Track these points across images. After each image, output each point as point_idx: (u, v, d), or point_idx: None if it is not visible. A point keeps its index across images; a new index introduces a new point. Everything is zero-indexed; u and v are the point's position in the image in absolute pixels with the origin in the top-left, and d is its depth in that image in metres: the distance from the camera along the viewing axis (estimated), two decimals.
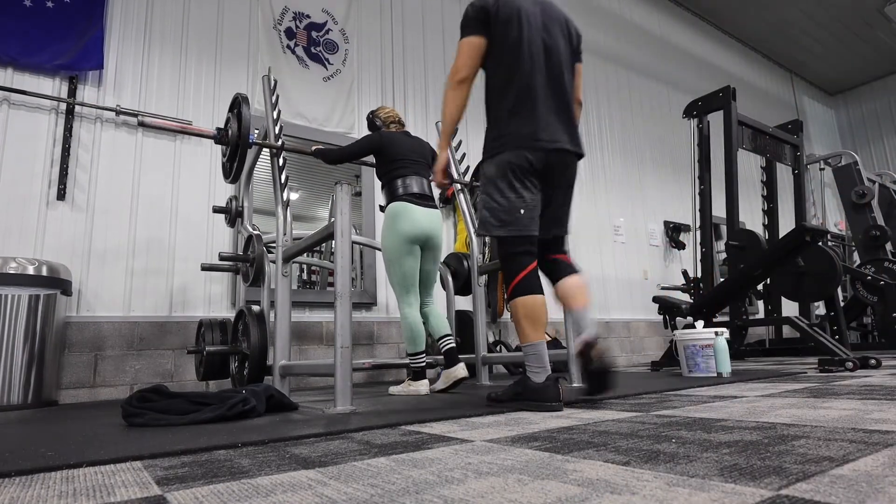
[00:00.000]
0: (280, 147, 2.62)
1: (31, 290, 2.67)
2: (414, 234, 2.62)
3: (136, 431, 1.52)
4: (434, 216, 2.71)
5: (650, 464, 0.87)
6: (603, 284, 5.68)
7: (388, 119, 2.91)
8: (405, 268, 2.64)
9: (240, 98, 2.59)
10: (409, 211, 2.63)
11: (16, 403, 2.56)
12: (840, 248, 6.54)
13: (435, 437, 1.25)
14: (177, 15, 3.74)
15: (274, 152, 2.62)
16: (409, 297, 2.66)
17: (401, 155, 2.73)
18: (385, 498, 0.75)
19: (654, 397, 1.96)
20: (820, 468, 0.77)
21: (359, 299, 3.99)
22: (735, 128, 4.44)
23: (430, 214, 2.68)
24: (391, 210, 2.67)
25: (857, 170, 5.68)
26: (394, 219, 2.64)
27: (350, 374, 1.86)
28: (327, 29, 4.37)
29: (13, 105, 3.09)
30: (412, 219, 2.62)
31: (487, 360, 3.07)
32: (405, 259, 2.63)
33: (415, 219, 2.62)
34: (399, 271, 2.64)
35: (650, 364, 4.23)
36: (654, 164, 6.72)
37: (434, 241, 2.72)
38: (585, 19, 6.48)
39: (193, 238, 3.50)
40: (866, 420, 1.20)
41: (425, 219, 2.65)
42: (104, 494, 0.84)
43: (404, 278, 2.64)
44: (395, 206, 2.66)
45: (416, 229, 2.62)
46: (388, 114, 2.93)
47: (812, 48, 9.23)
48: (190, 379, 3.27)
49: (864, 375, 2.48)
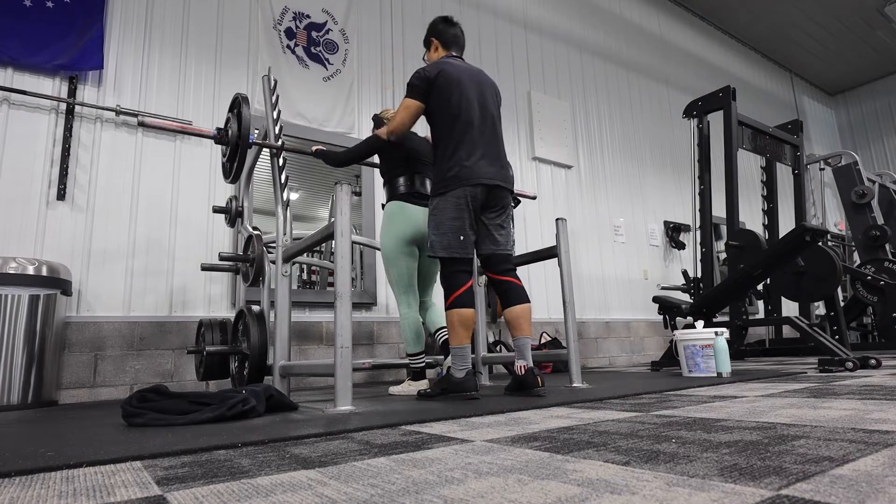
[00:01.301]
0: (280, 147, 2.62)
1: (31, 290, 2.68)
2: (411, 233, 2.65)
3: (136, 431, 1.52)
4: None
5: (650, 464, 0.87)
6: (603, 284, 5.68)
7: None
8: (403, 268, 2.66)
9: (240, 98, 2.59)
10: (406, 210, 2.66)
11: (16, 403, 2.56)
12: (840, 248, 6.54)
13: (435, 437, 1.25)
14: (177, 15, 3.74)
15: (274, 152, 2.62)
16: (407, 297, 2.68)
17: (404, 154, 2.75)
18: (385, 498, 0.75)
19: (654, 397, 1.96)
20: (820, 468, 0.77)
21: (359, 299, 3.99)
22: (735, 128, 4.44)
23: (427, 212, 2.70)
24: (389, 210, 2.71)
25: (857, 170, 5.68)
26: (391, 219, 2.68)
27: (350, 374, 1.86)
28: (327, 29, 4.37)
29: (13, 105, 3.09)
30: (409, 218, 2.66)
31: (487, 360, 3.07)
32: (402, 259, 2.66)
33: (412, 219, 2.66)
34: (397, 272, 2.67)
35: (650, 364, 4.23)
36: (654, 164, 6.72)
37: None
38: (585, 19, 6.48)
39: (193, 238, 3.50)
40: (866, 420, 1.20)
41: (422, 218, 2.65)
42: (104, 494, 0.84)
43: (402, 278, 2.67)
44: (392, 205, 2.69)
45: (412, 229, 2.65)
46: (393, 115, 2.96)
47: (812, 48, 9.23)
48: (190, 379, 3.27)
49: (864, 375, 2.48)
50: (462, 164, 2.25)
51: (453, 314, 2.19)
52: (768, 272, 3.81)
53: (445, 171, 2.27)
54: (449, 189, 2.24)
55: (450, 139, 2.29)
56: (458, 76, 2.35)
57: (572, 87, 6.03)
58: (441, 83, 2.32)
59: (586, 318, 5.33)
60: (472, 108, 2.32)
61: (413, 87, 2.35)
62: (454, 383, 2.15)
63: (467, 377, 2.14)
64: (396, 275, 2.68)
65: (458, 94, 2.31)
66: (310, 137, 4.05)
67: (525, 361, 2.23)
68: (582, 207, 5.67)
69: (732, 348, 3.83)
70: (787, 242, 3.47)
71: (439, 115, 2.33)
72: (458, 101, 2.30)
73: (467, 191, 2.23)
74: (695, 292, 4.52)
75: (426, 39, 2.58)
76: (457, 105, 2.30)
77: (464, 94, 2.32)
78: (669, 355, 3.76)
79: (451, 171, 2.25)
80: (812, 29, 8.69)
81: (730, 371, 2.73)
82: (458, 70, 2.37)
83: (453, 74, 2.34)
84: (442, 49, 2.53)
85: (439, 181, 2.29)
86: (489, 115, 2.39)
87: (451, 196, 2.24)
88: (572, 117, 5.92)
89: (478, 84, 2.41)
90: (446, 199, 2.25)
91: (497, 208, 2.34)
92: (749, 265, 3.74)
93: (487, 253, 2.34)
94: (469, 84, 2.36)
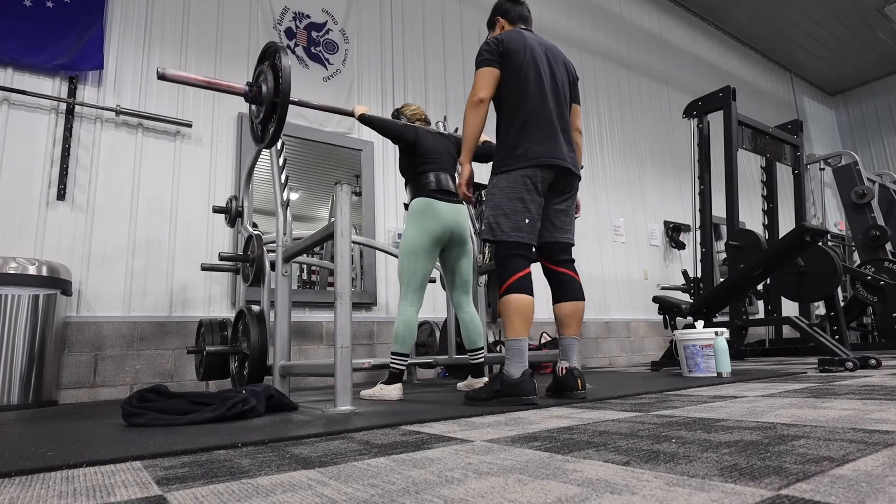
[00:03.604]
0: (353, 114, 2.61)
1: (31, 290, 2.68)
2: (439, 231, 2.55)
3: (136, 431, 1.52)
4: (459, 211, 2.64)
5: (650, 464, 0.87)
6: (603, 284, 5.68)
7: (415, 116, 2.83)
8: (421, 266, 2.53)
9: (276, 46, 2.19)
10: (435, 207, 2.55)
11: (16, 403, 2.56)
12: (840, 248, 6.54)
13: (435, 437, 1.25)
14: (177, 15, 3.74)
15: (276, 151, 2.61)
16: (412, 294, 2.53)
17: (427, 150, 2.66)
18: (385, 498, 0.75)
19: (654, 397, 1.96)
20: (820, 468, 0.77)
21: (359, 299, 3.99)
22: (735, 128, 4.44)
23: (456, 210, 2.61)
24: (416, 205, 2.58)
25: (857, 170, 5.68)
26: (421, 214, 2.55)
27: (350, 374, 1.86)
28: (327, 29, 4.37)
29: (13, 105, 3.09)
30: (437, 215, 2.55)
31: (488, 360, 3.06)
32: (423, 258, 2.53)
33: (440, 215, 2.55)
34: (414, 268, 2.52)
35: (650, 364, 4.23)
36: (654, 164, 6.72)
37: (461, 236, 2.65)
38: (585, 19, 6.48)
39: (193, 238, 3.50)
40: (866, 420, 1.20)
41: (450, 215, 2.58)
42: (104, 494, 0.84)
43: (415, 276, 2.52)
44: (420, 201, 2.57)
45: (441, 225, 2.55)
46: (414, 111, 2.85)
47: (812, 48, 9.23)
48: (190, 379, 3.27)
49: (864, 375, 2.48)
50: (533, 142, 2.03)
51: (509, 301, 1.94)
52: (768, 272, 3.81)
53: (513, 147, 2.05)
54: (515, 167, 2.02)
55: (519, 113, 2.07)
56: (530, 45, 2.14)
57: None
58: (511, 50, 2.10)
59: (586, 318, 5.33)
60: (544, 82, 2.11)
61: (483, 58, 2.11)
62: (509, 385, 1.86)
63: (524, 378, 1.85)
64: (412, 271, 2.52)
65: (530, 65, 2.10)
66: (310, 137, 4.05)
67: (567, 362, 2.05)
68: (582, 207, 5.66)
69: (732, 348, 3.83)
70: (787, 242, 3.47)
71: (508, 85, 2.10)
72: (529, 72, 2.09)
73: (537, 171, 2.02)
74: (695, 292, 4.51)
75: (490, 20, 2.38)
76: (527, 76, 2.08)
77: (536, 66, 2.11)
78: (669, 355, 3.76)
79: (518, 147, 2.03)
80: (812, 29, 8.69)
81: (730, 371, 2.73)
82: (529, 40, 2.16)
83: (525, 43, 2.13)
84: (508, 26, 2.32)
85: (504, 157, 2.07)
86: (562, 92, 2.18)
87: (517, 174, 2.01)
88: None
89: (552, 57, 2.20)
90: (511, 177, 2.02)
91: (565, 192, 2.15)
92: (749, 265, 3.74)
93: (549, 241, 2.15)
94: (541, 56, 2.15)
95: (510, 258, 1.99)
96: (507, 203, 2.01)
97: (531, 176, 2.01)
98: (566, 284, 2.14)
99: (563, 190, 2.14)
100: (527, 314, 1.93)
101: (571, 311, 2.11)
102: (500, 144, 2.11)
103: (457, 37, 5.25)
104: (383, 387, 2.38)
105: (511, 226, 1.99)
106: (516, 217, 1.99)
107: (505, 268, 1.99)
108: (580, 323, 2.13)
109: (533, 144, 2.03)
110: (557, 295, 2.15)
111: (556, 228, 2.15)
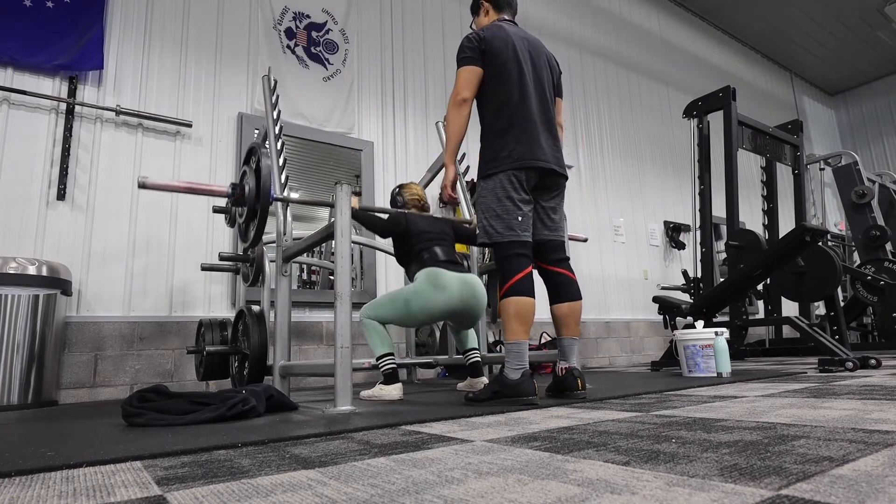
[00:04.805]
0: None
1: (31, 290, 2.68)
2: (442, 307, 2.38)
3: (136, 431, 1.52)
4: (471, 280, 2.47)
5: (650, 464, 0.87)
6: (603, 284, 5.68)
7: (412, 202, 2.75)
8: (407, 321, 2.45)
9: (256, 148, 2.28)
10: (444, 279, 2.37)
11: (16, 403, 2.56)
12: (840, 248, 6.54)
13: (435, 437, 1.25)
14: (177, 15, 3.74)
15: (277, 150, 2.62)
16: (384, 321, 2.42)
17: (420, 230, 2.53)
18: (385, 498, 0.75)
19: (654, 397, 1.96)
20: (820, 468, 0.77)
21: (359, 299, 3.99)
22: (735, 128, 4.44)
23: (467, 280, 2.45)
24: (426, 273, 2.39)
25: (857, 170, 5.68)
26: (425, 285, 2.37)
27: (350, 374, 1.86)
28: (327, 29, 4.37)
29: (13, 105, 3.09)
30: (447, 289, 2.36)
31: (487, 360, 3.06)
32: (414, 320, 2.44)
33: (448, 289, 2.37)
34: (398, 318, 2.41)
35: (650, 364, 4.23)
36: (654, 164, 6.72)
37: (475, 310, 2.48)
38: (585, 19, 6.48)
39: (193, 238, 3.50)
40: (866, 420, 1.20)
41: (459, 287, 2.40)
42: (104, 494, 0.84)
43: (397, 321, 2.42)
44: (425, 272, 2.39)
45: (447, 302, 2.37)
46: (412, 195, 2.77)
47: (812, 48, 9.22)
48: (190, 379, 3.27)
49: (864, 375, 2.48)
50: (517, 144, 2.02)
51: (509, 303, 1.91)
52: (768, 272, 3.81)
53: (497, 149, 2.03)
54: (500, 169, 2.01)
55: (502, 115, 2.05)
56: (512, 42, 2.10)
57: (572, 87, 6.03)
58: (492, 48, 2.07)
59: (586, 318, 5.33)
60: (527, 81, 2.09)
61: (465, 55, 2.08)
62: (508, 386, 1.86)
63: (523, 379, 1.86)
64: (394, 318, 2.40)
65: (513, 64, 2.07)
66: (310, 137, 4.05)
67: (567, 362, 2.04)
68: (582, 207, 5.67)
69: (732, 348, 3.83)
70: (787, 242, 3.47)
71: (491, 86, 2.08)
72: (512, 71, 2.07)
73: (521, 173, 2.01)
74: (695, 292, 4.51)
75: (475, 4, 2.31)
76: (510, 76, 2.06)
77: (519, 64, 2.08)
78: (669, 355, 3.76)
79: (503, 149, 2.02)
80: (812, 29, 8.69)
81: (730, 371, 2.73)
82: (511, 36, 2.12)
83: (507, 40, 2.10)
84: (493, 12, 2.26)
85: (489, 161, 2.05)
86: (546, 89, 2.15)
87: (503, 176, 2.01)
88: (572, 117, 5.92)
89: (534, 53, 2.16)
90: (497, 179, 2.02)
91: (552, 191, 2.14)
92: (749, 265, 3.74)
93: (542, 240, 2.12)
94: (524, 52, 2.12)
95: (509, 259, 1.98)
96: (496, 204, 2.01)
97: (517, 175, 2.01)
98: (563, 284, 2.13)
99: (551, 189, 2.14)
100: (527, 317, 1.92)
101: (569, 312, 2.10)
102: (485, 148, 2.10)
103: (457, 37, 5.25)
104: (383, 387, 2.36)
105: (504, 226, 1.99)
106: (508, 217, 1.99)
107: (504, 269, 1.98)
108: (578, 323, 2.12)
109: (517, 147, 2.02)
110: (554, 295, 2.14)
111: (546, 227, 2.14)
